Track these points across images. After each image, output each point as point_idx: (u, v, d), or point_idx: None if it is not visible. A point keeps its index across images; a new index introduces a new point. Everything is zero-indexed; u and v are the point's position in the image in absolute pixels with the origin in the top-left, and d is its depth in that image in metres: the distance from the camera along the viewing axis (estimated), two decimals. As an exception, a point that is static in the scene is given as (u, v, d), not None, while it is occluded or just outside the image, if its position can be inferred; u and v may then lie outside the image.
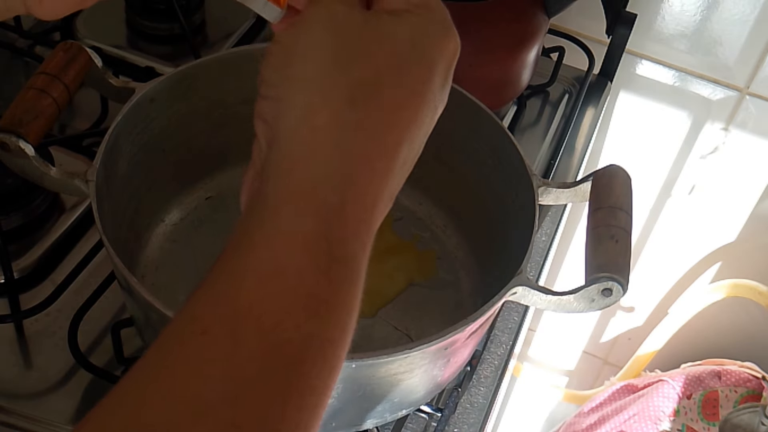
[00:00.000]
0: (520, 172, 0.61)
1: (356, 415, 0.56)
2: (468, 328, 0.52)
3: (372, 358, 0.50)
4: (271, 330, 0.31)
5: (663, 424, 1.13)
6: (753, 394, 1.11)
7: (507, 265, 0.57)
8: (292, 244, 0.33)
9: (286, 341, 0.31)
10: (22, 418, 0.59)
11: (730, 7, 0.95)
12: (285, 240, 0.33)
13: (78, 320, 0.63)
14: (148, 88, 0.61)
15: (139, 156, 0.62)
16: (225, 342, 0.31)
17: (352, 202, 0.35)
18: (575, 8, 0.86)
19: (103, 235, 0.52)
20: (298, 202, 0.34)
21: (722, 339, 1.26)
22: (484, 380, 0.68)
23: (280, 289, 0.32)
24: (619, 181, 0.58)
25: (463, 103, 0.65)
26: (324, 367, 0.33)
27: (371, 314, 0.66)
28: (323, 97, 0.36)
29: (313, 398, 0.32)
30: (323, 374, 0.33)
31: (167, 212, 0.70)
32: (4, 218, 0.68)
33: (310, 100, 0.36)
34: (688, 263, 1.21)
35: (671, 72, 1.03)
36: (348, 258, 0.34)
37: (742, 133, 1.05)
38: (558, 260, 1.24)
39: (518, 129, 0.90)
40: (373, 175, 0.36)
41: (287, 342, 0.31)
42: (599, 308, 0.54)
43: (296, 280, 0.33)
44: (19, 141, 0.55)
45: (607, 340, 1.35)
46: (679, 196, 1.14)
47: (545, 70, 0.95)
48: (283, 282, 0.33)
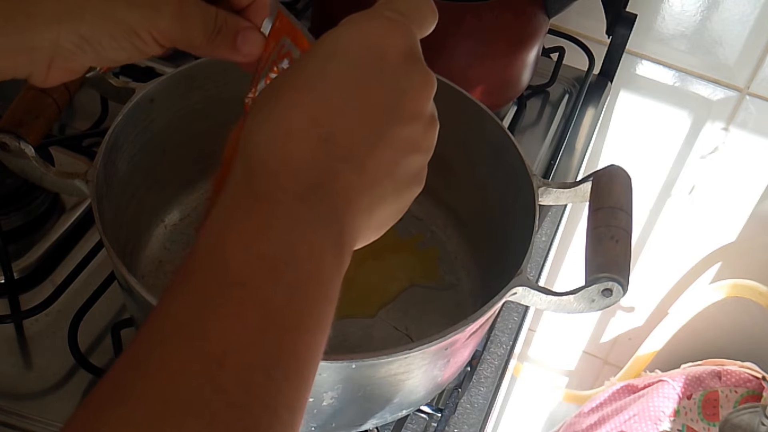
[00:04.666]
0: (520, 173, 0.61)
1: (356, 416, 0.56)
2: (468, 328, 0.52)
3: (372, 358, 0.50)
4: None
5: (663, 425, 1.13)
6: (753, 394, 1.11)
7: (507, 265, 0.57)
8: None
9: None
10: (22, 418, 0.59)
11: (730, 7, 0.95)
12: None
13: (78, 320, 0.63)
14: (148, 88, 0.61)
15: (139, 156, 0.62)
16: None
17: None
18: (575, 8, 0.86)
19: (103, 235, 0.52)
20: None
21: (722, 339, 1.26)
22: (484, 380, 0.68)
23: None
24: (619, 182, 0.58)
25: (463, 103, 0.65)
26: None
27: (371, 314, 0.66)
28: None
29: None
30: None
31: (167, 212, 0.70)
32: (4, 218, 0.68)
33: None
34: (688, 263, 1.21)
35: (671, 72, 1.03)
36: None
37: (742, 133, 1.05)
38: (558, 260, 1.24)
39: (518, 129, 0.90)
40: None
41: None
42: (599, 308, 0.54)
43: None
44: (19, 141, 0.55)
45: (607, 340, 1.35)
46: (679, 196, 1.14)
47: (545, 70, 0.95)
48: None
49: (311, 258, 0.34)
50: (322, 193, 0.35)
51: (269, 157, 0.35)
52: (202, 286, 0.32)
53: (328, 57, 0.37)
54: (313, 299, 0.33)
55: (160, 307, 0.32)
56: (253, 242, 0.33)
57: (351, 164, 0.36)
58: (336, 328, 0.67)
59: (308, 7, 0.97)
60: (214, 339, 0.30)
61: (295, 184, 0.34)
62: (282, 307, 0.32)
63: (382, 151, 0.37)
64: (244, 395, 0.29)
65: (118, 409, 0.28)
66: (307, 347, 0.33)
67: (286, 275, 0.32)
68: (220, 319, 0.31)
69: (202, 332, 0.30)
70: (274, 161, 0.35)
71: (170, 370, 0.29)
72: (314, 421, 0.55)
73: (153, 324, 0.31)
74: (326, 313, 0.34)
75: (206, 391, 0.29)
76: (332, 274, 0.35)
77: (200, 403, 0.28)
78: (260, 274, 0.32)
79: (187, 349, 0.30)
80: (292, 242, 0.33)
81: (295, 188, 0.34)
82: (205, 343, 0.30)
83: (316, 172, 0.35)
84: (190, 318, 0.31)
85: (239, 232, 0.33)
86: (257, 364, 0.30)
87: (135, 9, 0.42)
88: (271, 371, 0.30)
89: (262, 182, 0.34)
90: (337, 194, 0.35)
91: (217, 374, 0.29)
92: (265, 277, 0.32)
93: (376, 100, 0.37)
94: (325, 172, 0.35)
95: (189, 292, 0.32)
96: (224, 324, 0.30)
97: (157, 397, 0.28)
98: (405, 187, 0.40)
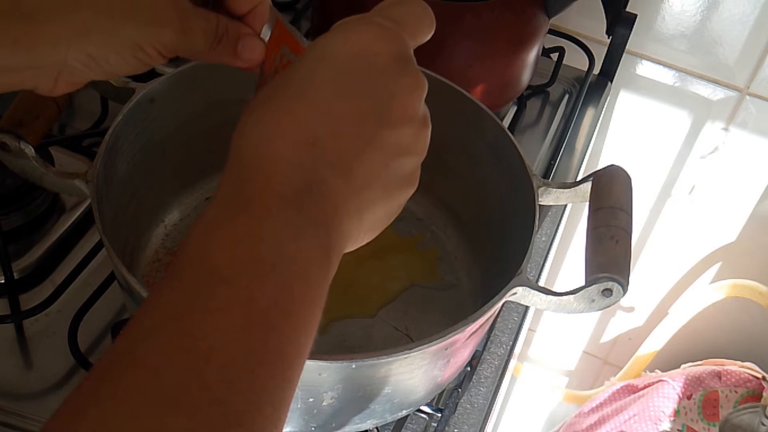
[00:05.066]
0: (520, 173, 0.61)
1: (356, 416, 0.56)
2: (468, 328, 0.52)
3: (372, 358, 0.50)
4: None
5: (663, 425, 1.13)
6: (753, 394, 1.11)
7: (507, 265, 0.57)
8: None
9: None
10: (22, 418, 0.59)
11: (730, 7, 0.95)
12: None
13: (78, 320, 0.63)
14: (148, 88, 0.61)
15: (139, 156, 0.62)
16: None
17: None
18: (575, 8, 0.86)
19: (103, 235, 0.52)
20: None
21: (722, 339, 1.26)
22: (484, 380, 0.68)
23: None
24: (619, 182, 0.58)
25: (463, 103, 0.65)
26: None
27: (371, 314, 0.66)
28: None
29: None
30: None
31: (167, 212, 0.70)
32: (4, 218, 0.68)
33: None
34: (688, 263, 1.21)
35: (671, 72, 1.03)
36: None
37: (742, 133, 1.05)
38: (558, 260, 1.24)
39: (518, 129, 0.90)
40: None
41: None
42: (599, 308, 0.54)
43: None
44: (19, 141, 0.55)
45: (607, 340, 1.35)
46: (679, 196, 1.14)
47: (545, 70, 0.95)
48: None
49: (298, 260, 0.34)
50: (309, 197, 0.35)
51: (259, 159, 0.36)
52: (190, 283, 0.32)
53: (318, 62, 0.38)
54: (300, 300, 0.34)
55: (149, 301, 0.32)
56: (241, 242, 0.33)
57: (338, 169, 0.36)
58: (336, 328, 0.67)
59: (308, 7, 0.97)
60: (200, 335, 0.30)
61: (282, 187, 0.35)
62: (268, 307, 0.32)
63: (370, 155, 0.37)
64: (227, 392, 0.30)
65: (103, 403, 0.28)
66: (293, 347, 0.33)
67: (273, 275, 0.33)
68: (207, 316, 0.31)
69: (189, 328, 0.30)
70: (263, 164, 0.35)
71: (156, 364, 0.29)
72: (314, 421, 0.55)
73: (141, 318, 0.31)
74: (313, 314, 0.35)
75: (192, 387, 0.29)
76: (319, 276, 0.35)
77: (184, 398, 0.29)
78: (247, 274, 0.32)
79: (173, 344, 0.30)
80: (279, 244, 0.34)
81: (283, 191, 0.35)
82: (192, 339, 0.30)
83: (304, 177, 0.35)
84: (178, 313, 0.31)
85: (228, 231, 0.34)
86: (242, 361, 0.30)
87: (140, 26, 0.42)
88: (256, 369, 0.31)
89: (251, 184, 0.35)
90: (325, 198, 0.36)
91: (203, 370, 0.29)
92: (251, 277, 0.32)
93: (364, 104, 0.37)
94: (312, 177, 0.36)
95: (178, 287, 0.32)
96: (211, 321, 0.31)
97: (142, 390, 0.29)
98: (396, 189, 0.40)
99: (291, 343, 0.33)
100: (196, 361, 0.30)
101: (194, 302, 0.31)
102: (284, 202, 0.35)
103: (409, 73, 0.39)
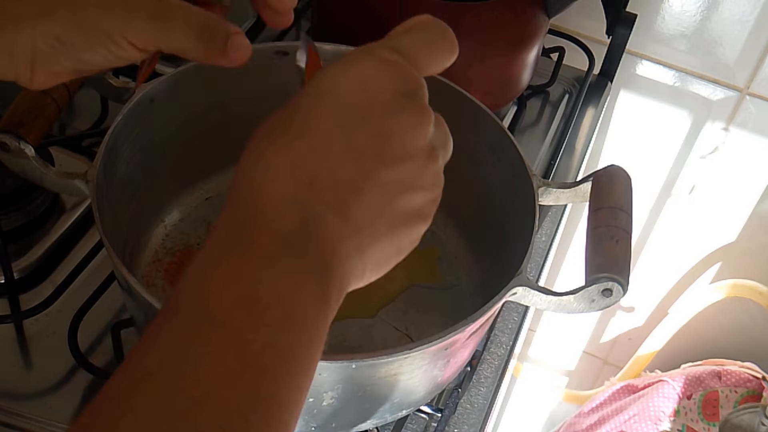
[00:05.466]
0: (520, 173, 0.61)
1: (356, 416, 0.56)
2: (468, 328, 0.52)
3: (372, 358, 0.49)
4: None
5: (663, 425, 1.13)
6: (753, 394, 1.11)
7: (507, 265, 0.57)
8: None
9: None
10: (22, 418, 0.59)
11: (730, 7, 0.95)
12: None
13: (78, 320, 0.63)
14: (148, 88, 0.61)
15: (139, 156, 0.62)
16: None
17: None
18: (575, 8, 0.86)
19: (103, 235, 0.52)
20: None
21: (722, 339, 1.26)
22: (484, 380, 0.68)
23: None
24: (619, 182, 0.58)
25: (463, 103, 0.65)
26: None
27: (371, 314, 0.66)
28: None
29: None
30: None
31: (167, 212, 0.70)
32: (4, 218, 0.68)
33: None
34: (688, 263, 1.21)
35: (671, 72, 1.03)
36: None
37: (742, 133, 1.05)
38: (558, 260, 1.24)
39: (518, 129, 0.90)
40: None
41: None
42: (599, 308, 0.54)
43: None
44: (19, 141, 0.55)
45: (607, 340, 1.35)
46: (679, 196, 1.14)
47: (545, 70, 0.95)
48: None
49: (293, 301, 0.33)
50: (305, 236, 0.35)
51: (258, 197, 0.35)
52: (185, 324, 0.32)
53: (319, 97, 0.37)
54: (296, 342, 0.33)
55: (144, 341, 0.32)
56: (234, 284, 0.33)
57: (335, 209, 0.36)
58: (336, 328, 0.67)
59: (308, 7, 0.97)
60: (194, 380, 0.30)
61: (279, 225, 0.34)
62: (262, 350, 0.31)
63: (368, 194, 0.37)
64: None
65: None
66: (289, 390, 0.32)
67: (267, 318, 0.32)
68: (201, 360, 0.30)
69: (184, 372, 0.30)
70: (261, 201, 0.35)
71: (152, 411, 0.29)
72: (314, 421, 0.55)
73: (137, 359, 0.31)
74: (311, 357, 0.34)
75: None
76: (317, 318, 0.34)
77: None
78: (240, 316, 0.32)
79: (169, 389, 0.30)
80: (274, 285, 0.33)
81: (280, 230, 0.34)
82: (187, 383, 0.30)
83: (300, 216, 0.35)
84: (173, 356, 0.31)
85: (223, 272, 0.33)
86: (234, 407, 0.30)
87: (107, 10, 0.42)
88: (249, 416, 0.30)
89: (249, 224, 0.34)
90: (322, 238, 0.35)
91: (196, 417, 0.29)
92: (244, 320, 0.32)
93: (362, 142, 0.36)
94: (308, 216, 0.35)
95: (172, 329, 0.32)
96: (204, 365, 0.30)
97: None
98: (402, 226, 0.38)
99: (287, 387, 0.32)
100: (189, 407, 0.29)
101: (189, 345, 0.31)
102: (281, 242, 0.34)
103: (411, 108, 0.38)
